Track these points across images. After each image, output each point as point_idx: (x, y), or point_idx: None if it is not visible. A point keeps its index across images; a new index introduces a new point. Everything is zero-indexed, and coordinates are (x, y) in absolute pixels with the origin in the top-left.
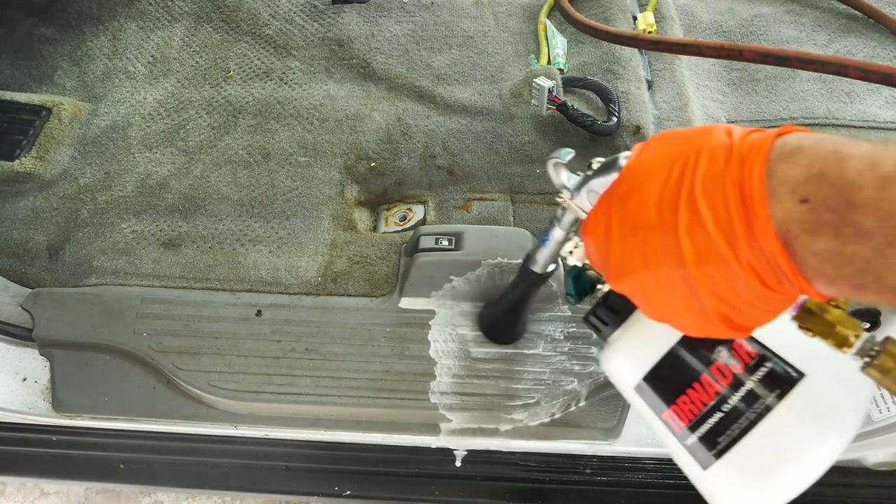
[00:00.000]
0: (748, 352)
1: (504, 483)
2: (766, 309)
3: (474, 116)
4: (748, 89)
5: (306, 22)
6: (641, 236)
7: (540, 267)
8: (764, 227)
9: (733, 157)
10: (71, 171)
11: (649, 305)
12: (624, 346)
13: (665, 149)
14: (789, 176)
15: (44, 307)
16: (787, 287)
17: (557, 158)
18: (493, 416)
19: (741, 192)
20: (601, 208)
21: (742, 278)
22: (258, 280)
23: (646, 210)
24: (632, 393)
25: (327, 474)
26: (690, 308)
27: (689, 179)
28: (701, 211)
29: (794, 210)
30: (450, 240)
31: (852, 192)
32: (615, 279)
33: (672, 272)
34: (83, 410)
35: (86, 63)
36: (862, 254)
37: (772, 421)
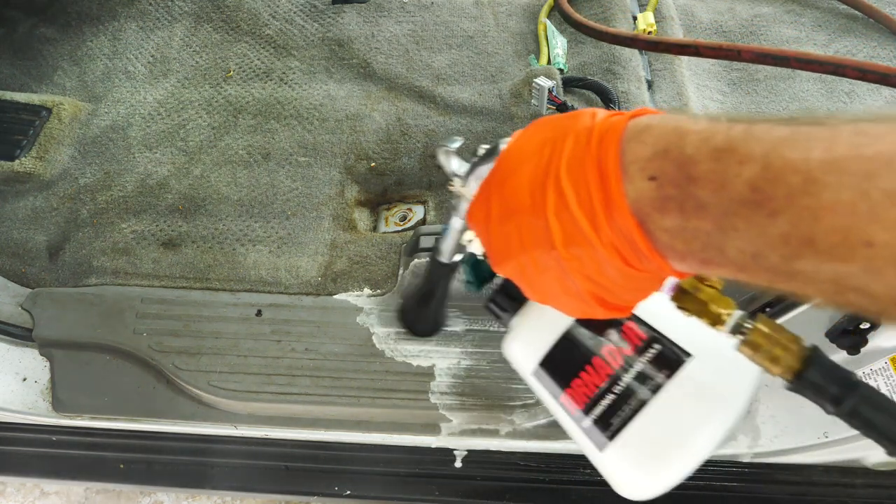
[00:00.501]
0: (637, 334)
1: (504, 483)
2: (635, 288)
3: (474, 116)
4: (748, 89)
5: (306, 22)
6: (516, 220)
7: (446, 256)
8: (620, 207)
9: (593, 139)
10: (71, 171)
11: (530, 288)
12: (521, 332)
13: (539, 133)
14: (638, 154)
15: (44, 307)
16: (648, 265)
17: (446, 146)
18: (493, 416)
19: (599, 172)
20: (482, 194)
21: (606, 258)
22: (258, 280)
23: (519, 194)
24: (531, 378)
25: (327, 474)
26: (566, 289)
27: (555, 162)
28: (565, 192)
29: (644, 188)
30: None
31: (691, 166)
32: (497, 263)
33: (545, 254)
34: (83, 410)
35: (86, 63)
36: (703, 227)
37: (661, 401)
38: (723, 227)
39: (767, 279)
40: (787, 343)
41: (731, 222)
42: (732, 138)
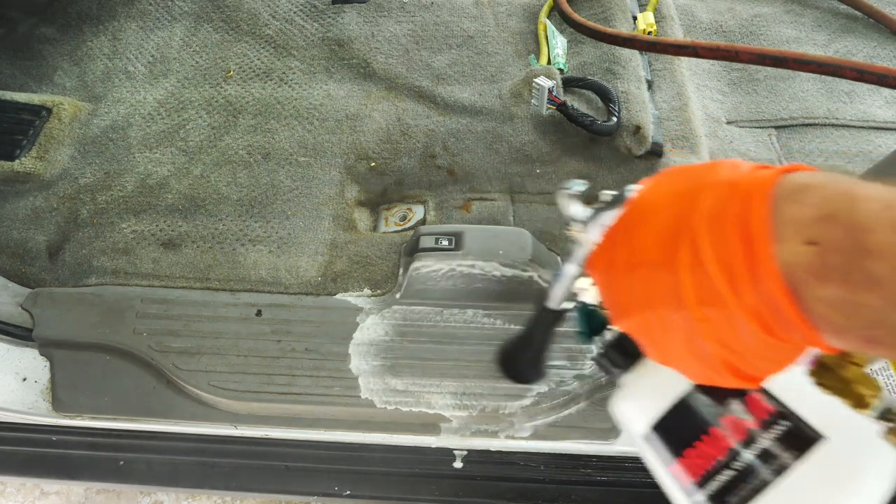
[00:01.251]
0: (764, 407)
1: (504, 483)
2: (773, 358)
3: (474, 116)
4: (748, 89)
5: (306, 22)
6: (643, 273)
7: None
8: (767, 269)
9: (737, 194)
10: (71, 171)
11: (652, 347)
12: (634, 392)
13: (672, 184)
14: (796, 215)
15: (44, 307)
16: (793, 335)
17: (569, 190)
18: (493, 416)
19: (744, 230)
20: (605, 242)
21: (744, 323)
22: (258, 280)
23: (648, 246)
24: (640, 441)
25: (327, 474)
26: (693, 352)
27: (691, 215)
28: (701, 248)
29: (800, 252)
30: (450, 240)
31: (865, 235)
32: (618, 316)
33: (673, 312)
34: (83, 410)
35: (86, 63)
36: (874, 303)
37: (787, 484)
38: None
39: None
40: None
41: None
42: None
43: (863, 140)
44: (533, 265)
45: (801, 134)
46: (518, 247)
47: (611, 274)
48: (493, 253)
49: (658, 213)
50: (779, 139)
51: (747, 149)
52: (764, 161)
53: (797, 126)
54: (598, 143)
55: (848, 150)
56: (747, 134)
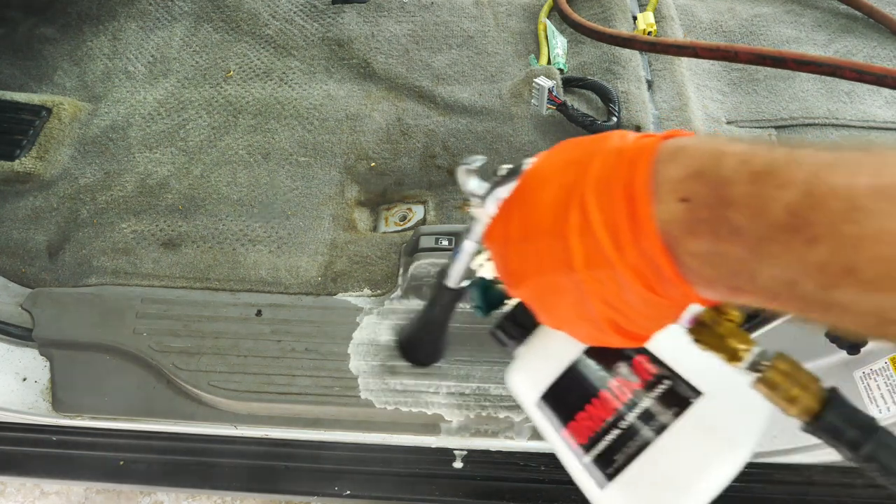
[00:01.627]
0: (647, 369)
1: (504, 483)
2: (655, 316)
3: (474, 116)
4: (748, 89)
5: (306, 22)
6: (535, 240)
7: (454, 281)
8: (647, 228)
9: (623, 160)
10: (71, 171)
11: (544, 312)
12: (526, 362)
13: (564, 153)
14: (671, 175)
15: (44, 307)
16: (671, 291)
17: (467, 165)
18: (493, 416)
19: (628, 193)
20: (501, 214)
21: (628, 281)
22: (258, 280)
23: (540, 213)
24: (533, 410)
25: (327, 474)
26: (581, 314)
27: (581, 182)
28: (590, 212)
29: (675, 210)
30: (450, 240)
31: (727, 187)
32: (512, 285)
33: (563, 276)
34: (83, 410)
35: (86, 63)
36: (735, 252)
37: (666, 440)
38: (757, 253)
39: (800, 308)
40: (806, 382)
41: (767, 248)
42: (773, 161)
43: (863, 140)
44: None
45: (801, 134)
46: None
47: (506, 245)
48: None
49: (550, 181)
50: (779, 139)
51: None
52: None
53: (797, 126)
54: None
55: None
56: (747, 134)
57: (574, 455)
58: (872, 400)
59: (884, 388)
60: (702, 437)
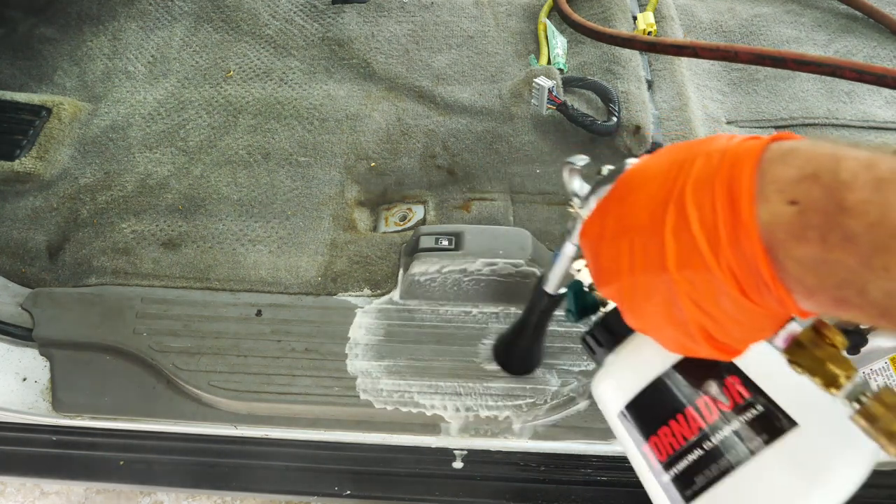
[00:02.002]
0: (739, 391)
1: (504, 483)
2: (749, 326)
3: (474, 116)
4: (748, 89)
5: (306, 22)
6: (630, 238)
7: (553, 287)
8: (748, 229)
9: (727, 159)
10: (71, 171)
11: (633, 314)
12: (613, 370)
13: (669, 155)
14: (780, 176)
15: (44, 307)
16: (768, 298)
17: (572, 164)
18: (493, 416)
19: (730, 192)
20: (598, 211)
21: (722, 284)
22: (258, 280)
23: (638, 212)
24: (615, 420)
25: (327, 474)
26: (671, 317)
27: (682, 181)
28: (688, 211)
29: (781, 212)
30: (450, 240)
31: (844, 193)
32: (602, 282)
33: (655, 277)
34: (83, 410)
35: (86, 63)
36: (846, 262)
37: (752, 469)
38: (871, 264)
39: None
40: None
41: (883, 260)
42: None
43: (863, 140)
44: (533, 265)
45: (802, 134)
46: (518, 247)
47: (600, 241)
48: (493, 253)
49: (651, 181)
50: None
51: None
52: None
53: (797, 126)
54: (598, 143)
55: None
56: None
57: (653, 472)
58: None
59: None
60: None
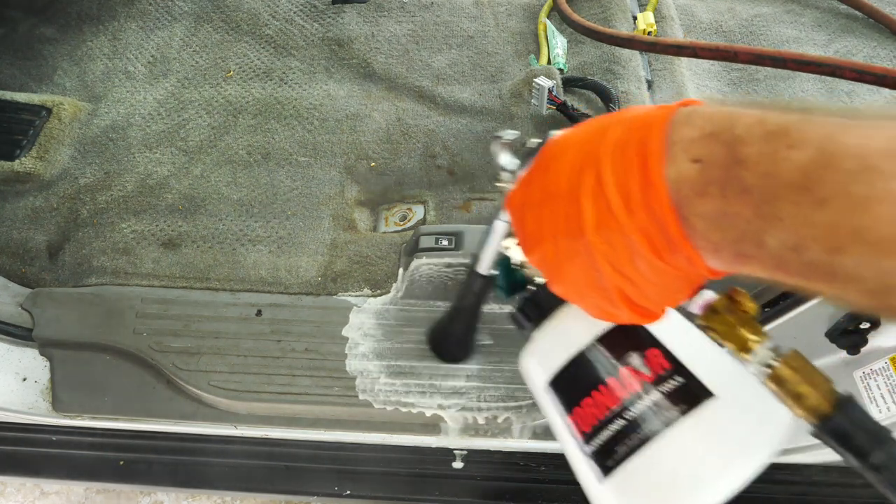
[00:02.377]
0: (660, 363)
1: (504, 483)
2: (664, 287)
3: (474, 116)
4: (748, 89)
5: (306, 22)
6: (551, 204)
7: (485, 266)
8: (657, 189)
9: (641, 125)
10: (71, 171)
11: (557, 279)
12: (539, 345)
13: (588, 125)
14: (684, 136)
15: (44, 307)
16: (678, 257)
17: (500, 138)
18: (493, 416)
19: (640, 155)
20: (524, 181)
21: (637, 244)
22: (258, 280)
23: (557, 178)
24: (541, 394)
25: (327, 474)
26: (592, 281)
27: (598, 147)
28: (603, 175)
29: (686, 170)
30: (450, 239)
31: (739, 146)
32: (528, 249)
33: (575, 241)
34: (83, 410)
35: (86, 63)
36: (744, 213)
37: (670, 438)
38: (765, 214)
39: (805, 277)
40: (817, 382)
41: (775, 209)
42: (787, 122)
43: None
44: None
45: None
46: None
47: (523, 209)
48: None
49: (570, 149)
50: None
51: None
52: None
53: None
54: None
55: None
56: None
57: (576, 444)
58: (872, 400)
59: (884, 387)
60: (707, 441)
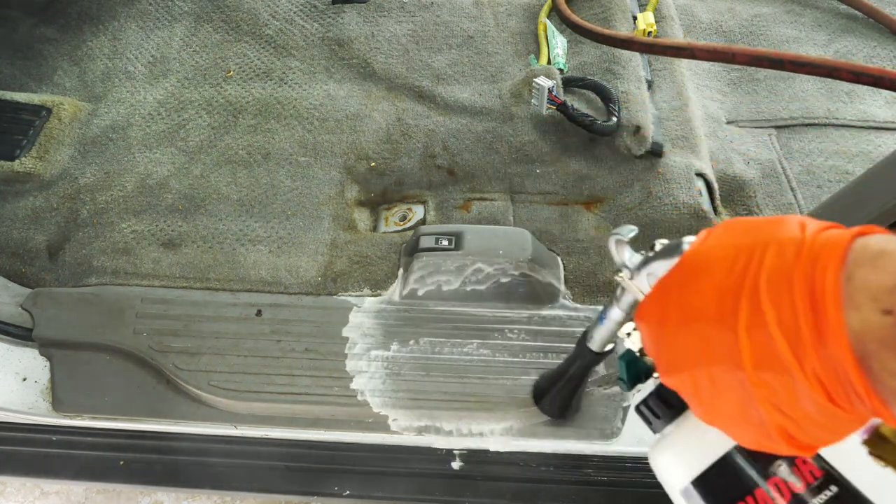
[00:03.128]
0: (812, 470)
1: (504, 483)
2: (832, 428)
3: (474, 116)
4: (748, 89)
5: (306, 22)
6: (697, 329)
7: (597, 345)
8: (836, 336)
9: (804, 253)
10: (71, 171)
11: (701, 406)
12: (675, 443)
13: (731, 238)
14: (871, 282)
15: (44, 307)
16: (858, 406)
17: (619, 236)
18: (493, 416)
19: (811, 292)
20: (658, 293)
21: (806, 390)
22: (258, 280)
23: (704, 301)
24: (678, 496)
25: (327, 474)
26: (746, 416)
27: (753, 273)
28: (764, 308)
29: (874, 321)
30: (450, 240)
31: None
32: (666, 372)
33: (727, 373)
34: (83, 410)
35: (86, 63)
36: None
37: None
38: None
39: None
40: None
41: None
42: None
43: (863, 140)
44: (533, 265)
45: (802, 134)
46: (518, 247)
47: (662, 327)
48: (493, 253)
49: (717, 266)
50: (779, 139)
51: (747, 149)
52: (764, 161)
53: (797, 126)
54: (598, 143)
55: (848, 150)
56: (747, 134)
57: None
58: None
59: None
60: None
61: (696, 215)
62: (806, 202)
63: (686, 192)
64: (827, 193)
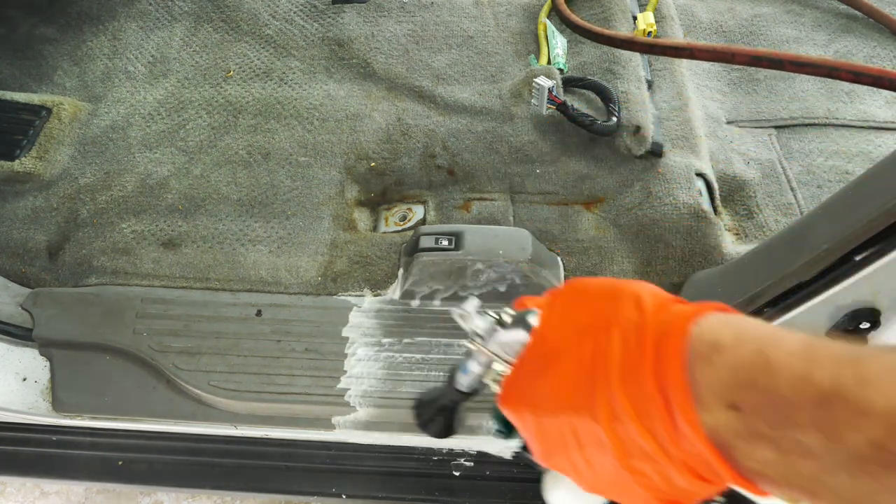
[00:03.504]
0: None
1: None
2: (711, 488)
3: (474, 116)
4: (748, 89)
5: (306, 22)
6: (564, 419)
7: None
8: (693, 432)
9: (648, 347)
10: (71, 171)
11: (584, 484)
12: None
13: (574, 315)
14: (713, 380)
15: (44, 307)
16: (729, 481)
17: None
18: None
19: (662, 394)
20: (516, 381)
21: (676, 474)
22: (258, 280)
23: (562, 392)
24: None
25: (327, 474)
26: (628, 490)
27: (602, 364)
28: (620, 406)
29: (724, 418)
30: (450, 240)
31: (790, 410)
32: (542, 458)
33: (602, 456)
34: (83, 410)
35: (86, 63)
36: (809, 470)
37: None
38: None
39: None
40: None
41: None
42: (840, 383)
43: (863, 140)
44: (533, 265)
45: (801, 134)
46: (518, 246)
47: (530, 416)
48: (493, 253)
49: (565, 354)
50: (779, 139)
51: (747, 149)
52: (764, 161)
53: (797, 126)
54: (598, 143)
55: (848, 150)
56: (747, 134)
57: None
58: None
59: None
60: None
61: (696, 215)
62: (806, 202)
63: (686, 192)
64: (827, 193)
